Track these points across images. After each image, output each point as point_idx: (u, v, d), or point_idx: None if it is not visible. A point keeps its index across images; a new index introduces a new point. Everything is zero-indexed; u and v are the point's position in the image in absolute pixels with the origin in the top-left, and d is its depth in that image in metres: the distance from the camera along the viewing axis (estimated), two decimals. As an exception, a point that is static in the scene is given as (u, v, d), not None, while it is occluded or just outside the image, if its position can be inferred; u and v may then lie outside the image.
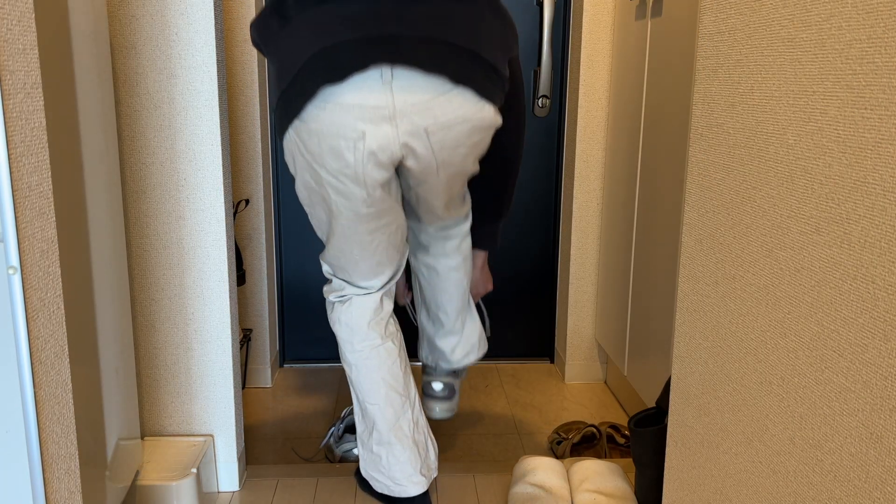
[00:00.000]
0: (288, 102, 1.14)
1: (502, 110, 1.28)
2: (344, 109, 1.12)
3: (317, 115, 1.13)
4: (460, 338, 1.63)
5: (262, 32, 1.20)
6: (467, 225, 1.56)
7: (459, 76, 1.13)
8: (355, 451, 1.69)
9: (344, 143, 1.13)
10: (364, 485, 1.51)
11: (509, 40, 1.24)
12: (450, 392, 1.66)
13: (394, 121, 1.12)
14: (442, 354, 1.63)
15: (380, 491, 1.44)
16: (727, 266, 0.91)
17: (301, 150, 1.20)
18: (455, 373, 1.67)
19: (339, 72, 1.09)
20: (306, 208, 1.34)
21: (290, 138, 1.20)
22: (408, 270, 1.69)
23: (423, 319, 1.66)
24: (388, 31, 1.08)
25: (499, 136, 1.41)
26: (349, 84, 1.10)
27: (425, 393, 1.67)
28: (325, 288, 1.45)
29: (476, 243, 1.58)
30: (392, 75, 1.10)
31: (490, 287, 1.69)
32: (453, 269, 1.56)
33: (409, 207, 1.45)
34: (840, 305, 0.69)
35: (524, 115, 1.48)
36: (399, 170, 1.28)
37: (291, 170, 1.28)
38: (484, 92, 1.18)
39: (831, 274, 0.70)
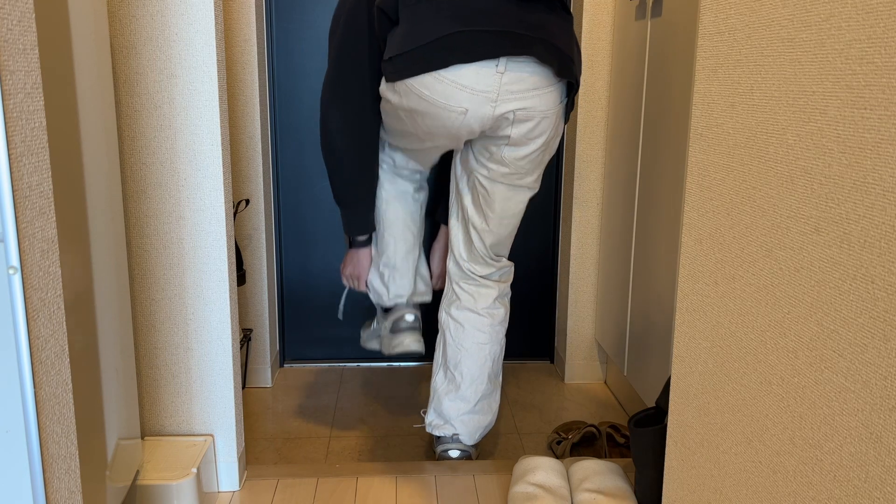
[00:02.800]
0: (410, 62, 1.30)
1: None
2: (457, 88, 1.31)
3: (431, 84, 1.31)
4: (471, 408, 1.64)
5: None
6: (504, 287, 1.65)
7: (562, 71, 1.34)
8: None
9: (446, 114, 1.33)
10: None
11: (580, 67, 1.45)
12: (467, 457, 1.67)
13: (494, 103, 1.32)
14: (448, 420, 1.64)
15: (373, 300, 1.75)
16: (727, 266, 0.91)
17: (398, 101, 1.38)
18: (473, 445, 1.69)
19: (470, 55, 1.28)
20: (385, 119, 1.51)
21: (388, 89, 1.39)
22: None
23: (437, 380, 1.67)
24: (511, 28, 1.28)
25: None
26: (472, 66, 1.29)
27: (440, 458, 1.67)
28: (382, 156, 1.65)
29: (442, 217, 1.78)
30: (506, 67, 1.30)
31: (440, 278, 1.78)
32: (479, 329, 1.62)
33: (466, 226, 1.59)
34: (840, 305, 0.69)
35: None
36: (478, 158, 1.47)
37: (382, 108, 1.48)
38: (568, 96, 1.41)
39: (831, 274, 0.70)
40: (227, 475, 1.51)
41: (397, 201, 1.67)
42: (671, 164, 1.56)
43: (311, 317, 2.30)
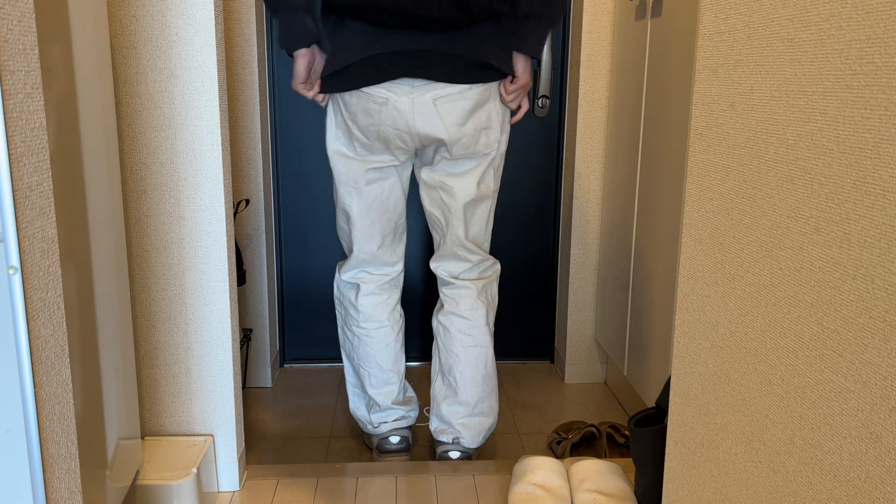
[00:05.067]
0: (336, 83, 1.45)
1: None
2: (375, 91, 1.44)
3: (357, 95, 1.46)
4: (471, 411, 1.64)
5: (323, 25, 1.46)
6: (484, 284, 1.63)
7: (465, 79, 1.43)
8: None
9: (373, 105, 1.44)
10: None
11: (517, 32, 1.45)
12: (467, 458, 1.67)
13: (411, 96, 1.43)
14: (450, 425, 1.65)
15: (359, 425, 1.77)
16: (727, 266, 0.91)
17: (341, 107, 1.51)
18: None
19: (374, 78, 1.43)
20: (333, 169, 1.60)
21: (335, 99, 1.53)
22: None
23: (436, 386, 1.69)
24: (411, 46, 1.39)
25: None
26: (382, 84, 1.44)
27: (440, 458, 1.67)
28: (339, 265, 1.70)
29: (516, 45, 1.46)
30: (413, 84, 1.43)
31: (525, 106, 1.58)
32: (463, 332, 1.62)
33: (438, 231, 1.62)
34: (840, 305, 0.69)
35: None
36: (424, 163, 1.57)
37: (329, 133, 1.56)
38: (482, 79, 1.44)
39: (831, 274, 0.70)
40: (227, 475, 1.51)
41: (366, 333, 1.66)
42: (671, 164, 1.56)
43: (311, 317, 2.30)
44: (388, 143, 1.49)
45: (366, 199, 1.57)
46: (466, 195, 1.54)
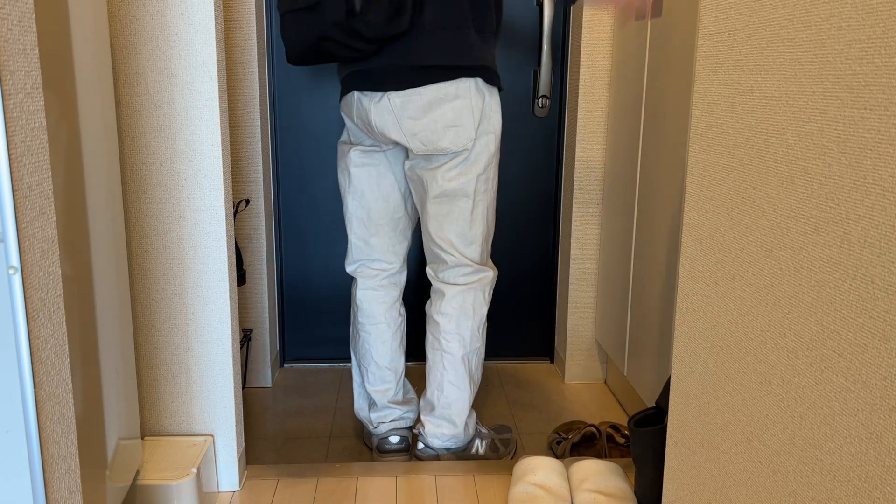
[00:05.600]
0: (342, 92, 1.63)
1: None
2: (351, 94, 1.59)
3: (344, 97, 1.61)
4: (433, 412, 1.66)
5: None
6: (460, 290, 1.61)
7: (412, 83, 1.48)
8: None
9: (348, 98, 1.58)
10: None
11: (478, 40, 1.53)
12: (434, 456, 1.68)
13: (372, 96, 1.52)
14: (420, 416, 1.70)
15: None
16: (727, 266, 0.91)
17: (342, 105, 1.66)
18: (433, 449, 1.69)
19: (348, 88, 1.57)
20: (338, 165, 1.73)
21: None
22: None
23: None
24: (365, 66, 1.51)
25: None
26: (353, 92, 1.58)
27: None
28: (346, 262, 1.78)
29: None
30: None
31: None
32: (432, 332, 1.65)
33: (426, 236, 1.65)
34: (840, 305, 0.69)
35: None
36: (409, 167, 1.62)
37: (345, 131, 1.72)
38: (431, 79, 1.49)
39: (831, 274, 0.70)
40: (227, 475, 1.51)
41: (366, 329, 1.70)
42: (671, 164, 1.56)
43: (311, 317, 2.30)
44: (361, 130, 1.60)
45: (354, 181, 1.64)
46: (435, 189, 1.55)
